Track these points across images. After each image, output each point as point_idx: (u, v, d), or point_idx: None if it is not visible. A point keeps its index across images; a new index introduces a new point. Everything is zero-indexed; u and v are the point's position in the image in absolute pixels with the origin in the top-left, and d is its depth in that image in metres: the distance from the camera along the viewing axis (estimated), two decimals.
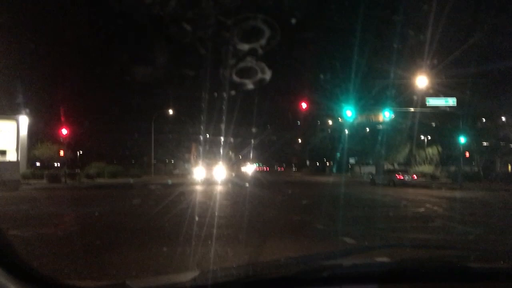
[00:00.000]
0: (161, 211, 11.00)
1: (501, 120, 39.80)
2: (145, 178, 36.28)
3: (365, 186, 27.81)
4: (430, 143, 43.64)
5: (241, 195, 17.99)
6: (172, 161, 64.28)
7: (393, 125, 39.38)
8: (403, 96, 31.74)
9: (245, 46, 15.73)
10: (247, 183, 28.41)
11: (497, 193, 21.31)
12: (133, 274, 4.80)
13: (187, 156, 66.89)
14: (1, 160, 28.93)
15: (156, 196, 17.15)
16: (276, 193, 19.37)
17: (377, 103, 33.85)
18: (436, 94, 28.93)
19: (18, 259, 1.66)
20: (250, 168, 73.46)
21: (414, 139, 41.13)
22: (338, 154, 48.43)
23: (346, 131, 46.24)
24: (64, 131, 29.55)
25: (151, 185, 24.09)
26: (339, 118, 46.83)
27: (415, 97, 29.88)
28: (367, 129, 48.47)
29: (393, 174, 31.45)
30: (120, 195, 18.48)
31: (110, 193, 19.69)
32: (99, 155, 41.69)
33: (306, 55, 59.84)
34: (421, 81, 27.37)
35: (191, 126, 59.55)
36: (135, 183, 26.49)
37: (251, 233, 7.66)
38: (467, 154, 36.76)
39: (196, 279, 1.76)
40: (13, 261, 1.63)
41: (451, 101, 28.58)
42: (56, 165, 35.55)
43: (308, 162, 73.08)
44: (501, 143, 38.86)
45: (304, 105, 27.57)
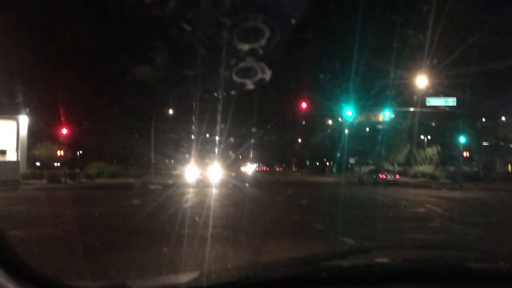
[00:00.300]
0: (161, 211, 11.00)
1: (501, 120, 39.76)
2: (145, 179, 36.25)
3: (354, 186, 28.09)
4: (430, 143, 43.61)
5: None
6: (172, 161, 64.28)
7: (393, 125, 39.36)
8: (403, 96, 31.76)
9: (245, 46, 15.76)
10: (246, 183, 28.27)
11: (497, 193, 21.29)
12: (133, 274, 4.80)
13: (187, 156, 66.87)
14: (1, 160, 28.92)
15: (155, 196, 17.13)
16: (275, 195, 19.30)
17: (377, 103, 33.85)
18: (436, 94, 28.91)
19: (18, 259, 1.66)
20: (250, 168, 73.47)
21: (414, 139, 41.11)
22: (338, 154, 48.41)
23: (346, 131, 46.21)
24: (64, 131, 29.54)
25: (147, 185, 24.07)
26: (339, 118, 46.77)
27: (415, 97, 29.88)
28: (367, 129, 48.43)
29: (377, 173, 32.20)
30: (120, 195, 18.48)
31: (110, 193, 19.68)
32: (99, 155, 41.70)
33: (306, 55, 59.85)
34: (421, 81, 27.36)
35: (191, 126, 59.60)
36: (134, 184, 26.47)
37: (250, 233, 7.66)
38: (467, 154, 36.74)
39: (196, 279, 1.77)
40: (13, 261, 1.63)
41: (451, 101, 28.54)
42: (56, 165, 35.54)
43: (308, 162, 73.00)
44: (501, 143, 38.82)
45: (304, 105, 27.57)
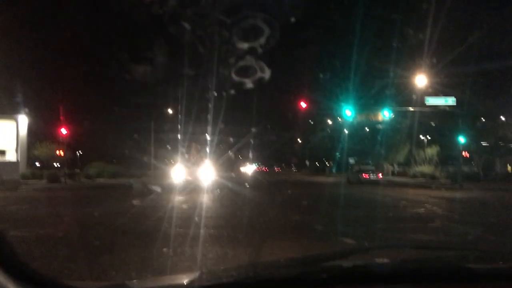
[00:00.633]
0: (160, 212, 11.01)
1: (501, 120, 39.78)
2: (145, 179, 36.21)
3: (342, 185, 28.54)
4: (430, 143, 43.62)
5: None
6: (172, 161, 64.24)
7: (392, 124, 39.34)
8: (403, 95, 31.77)
9: (245, 45, 15.74)
10: (245, 185, 28.07)
11: (497, 193, 21.30)
12: (133, 274, 4.80)
13: (186, 156, 66.75)
14: (1, 160, 28.91)
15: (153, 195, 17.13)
16: (275, 195, 19.22)
17: (376, 102, 33.85)
18: (435, 94, 28.88)
19: (18, 259, 1.65)
20: (250, 168, 73.42)
21: (414, 139, 41.11)
22: (338, 154, 48.42)
23: (346, 130, 46.20)
24: (64, 131, 29.54)
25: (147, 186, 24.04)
26: (338, 118, 46.77)
27: (414, 96, 29.88)
28: (367, 128, 48.40)
29: (361, 173, 32.76)
30: (120, 195, 18.46)
31: (110, 193, 19.66)
32: (99, 155, 41.66)
33: (305, 54, 59.78)
34: (421, 80, 27.36)
35: (191, 126, 59.50)
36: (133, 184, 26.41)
37: (250, 233, 7.67)
38: (466, 154, 36.77)
39: (195, 279, 1.76)
40: (13, 261, 1.63)
41: (451, 101, 28.51)
42: (55, 165, 35.53)
43: (307, 162, 72.97)
44: (501, 143, 38.85)
45: (303, 104, 27.59)
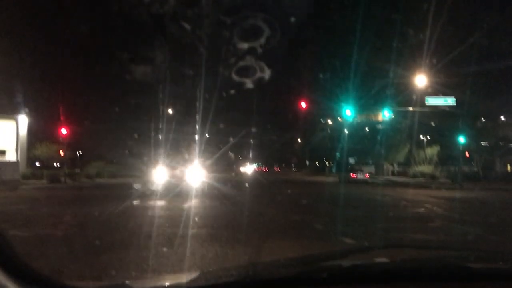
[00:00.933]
0: (160, 211, 11.01)
1: (501, 119, 39.76)
2: (145, 179, 36.15)
3: (334, 185, 29.57)
4: (430, 143, 43.59)
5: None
6: (172, 161, 64.16)
7: (392, 124, 39.32)
8: (403, 95, 31.75)
9: (245, 45, 15.74)
10: (246, 183, 28.01)
11: (497, 193, 21.30)
12: (133, 274, 4.80)
13: (186, 156, 66.75)
14: (1, 160, 28.89)
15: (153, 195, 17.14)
16: (276, 195, 19.28)
17: (376, 102, 33.83)
18: (435, 94, 28.88)
19: (18, 259, 1.65)
20: (250, 168, 73.39)
21: (414, 139, 41.09)
22: (338, 154, 48.34)
23: (346, 130, 46.17)
24: (64, 131, 29.51)
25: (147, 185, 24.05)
26: (338, 118, 46.71)
27: (414, 96, 29.87)
28: (367, 128, 48.37)
29: (349, 173, 35.07)
30: (120, 195, 18.45)
31: (110, 193, 19.65)
32: (99, 155, 41.59)
33: (306, 54, 59.71)
34: (421, 80, 27.35)
35: (191, 126, 59.51)
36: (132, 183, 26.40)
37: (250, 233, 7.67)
38: (466, 154, 36.74)
39: (195, 279, 1.77)
40: (13, 261, 1.63)
41: (451, 101, 28.50)
42: (55, 165, 35.51)
43: (307, 162, 72.92)
44: (501, 143, 38.83)
45: (303, 104, 27.60)
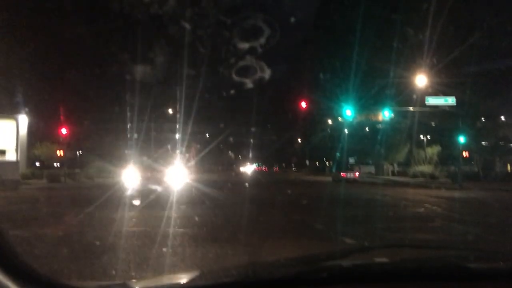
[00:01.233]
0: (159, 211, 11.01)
1: (501, 119, 39.75)
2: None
3: (328, 184, 31.42)
4: (430, 143, 43.58)
5: None
6: (170, 161, 64.22)
7: (392, 124, 39.30)
8: (403, 95, 31.75)
9: (245, 45, 15.75)
10: (246, 185, 27.91)
11: (497, 193, 21.29)
12: (133, 274, 4.80)
13: (187, 156, 66.83)
14: (1, 159, 28.87)
15: (153, 195, 17.14)
16: (276, 195, 19.29)
17: (376, 102, 33.81)
18: (435, 94, 28.86)
19: (18, 259, 1.65)
20: (250, 168, 73.47)
21: (414, 139, 41.08)
22: (338, 154, 48.35)
23: (346, 130, 46.17)
24: (64, 131, 29.51)
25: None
26: (338, 118, 46.69)
27: (414, 96, 29.86)
28: (367, 128, 48.36)
29: (340, 172, 36.62)
30: (120, 195, 18.47)
31: (110, 193, 19.65)
32: (99, 155, 41.59)
33: (306, 54, 59.75)
34: (421, 80, 27.36)
35: (191, 126, 59.49)
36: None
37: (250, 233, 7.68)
38: (466, 154, 36.71)
39: (195, 279, 1.76)
40: (13, 261, 1.63)
41: (451, 101, 28.48)
42: (55, 165, 35.51)
43: (307, 162, 72.94)
44: (501, 143, 38.81)
45: (304, 104, 27.60)
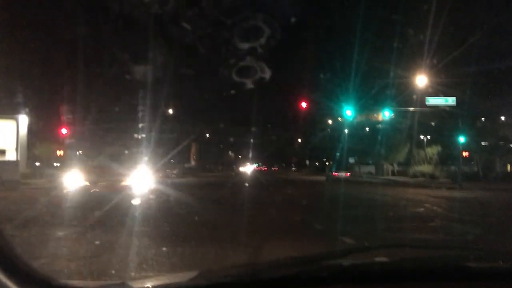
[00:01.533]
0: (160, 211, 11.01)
1: (501, 119, 39.76)
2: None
3: (322, 183, 32.84)
4: (430, 143, 43.59)
5: None
6: (172, 161, 64.21)
7: (392, 124, 39.33)
8: (403, 95, 31.73)
9: (245, 45, 15.75)
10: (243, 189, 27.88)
11: (497, 193, 21.30)
12: (133, 274, 4.80)
13: (186, 155, 66.90)
14: (1, 159, 28.87)
15: (153, 195, 17.14)
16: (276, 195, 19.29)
17: (376, 102, 33.83)
18: (435, 94, 28.88)
19: (18, 259, 1.65)
20: (249, 168, 73.53)
21: (414, 139, 41.08)
22: (338, 153, 48.36)
23: (346, 130, 46.17)
24: (64, 131, 29.50)
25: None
26: (339, 118, 46.72)
27: (414, 96, 29.86)
28: (367, 128, 48.37)
29: (332, 172, 38.37)
30: (119, 195, 18.44)
31: (109, 193, 19.64)
32: (99, 155, 41.55)
33: (306, 54, 59.73)
34: (421, 80, 27.34)
35: (191, 126, 59.54)
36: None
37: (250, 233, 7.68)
38: (466, 153, 36.73)
39: (195, 278, 1.76)
40: (13, 261, 1.63)
41: (451, 101, 28.50)
42: (55, 165, 35.49)
43: (307, 162, 72.99)
44: (501, 143, 38.82)
45: (304, 104, 27.56)
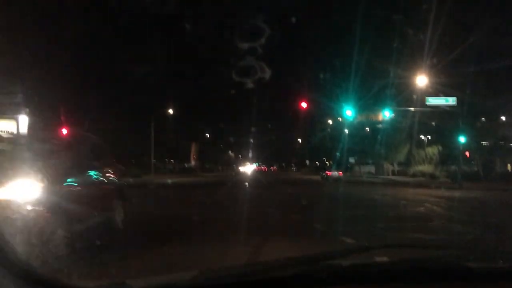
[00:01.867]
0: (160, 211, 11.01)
1: (501, 119, 39.77)
2: (145, 178, 36.21)
3: (318, 182, 34.46)
4: (430, 143, 43.59)
5: None
6: (172, 161, 64.32)
7: (392, 124, 39.32)
8: (403, 95, 31.74)
9: (245, 45, 15.76)
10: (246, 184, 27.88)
11: (497, 193, 21.29)
12: (133, 273, 4.80)
13: (186, 155, 66.92)
14: None
15: (154, 195, 17.14)
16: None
17: (377, 102, 33.83)
18: (436, 94, 28.86)
19: (18, 259, 1.66)
20: (250, 168, 73.56)
21: (414, 139, 41.08)
22: (338, 153, 48.38)
23: (346, 130, 46.18)
24: (64, 131, 29.50)
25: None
26: (339, 118, 46.76)
27: (415, 96, 29.87)
28: (367, 128, 48.39)
29: (325, 171, 40.38)
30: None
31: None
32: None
33: (306, 54, 59.77)
34: (421, 80, 27.35)
35: (191, 125, 59.56)
36: (135, 183, 26.38)
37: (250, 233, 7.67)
38: (466, 153, 36.72)
39: (195, 278, 1.76)
40: (13, 261, 1.63)
41: (451, 101, 28.47)
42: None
43: (308, 162, 73.01)
44: (501, 142, 38.83)
45: (304, 104, 27.56)
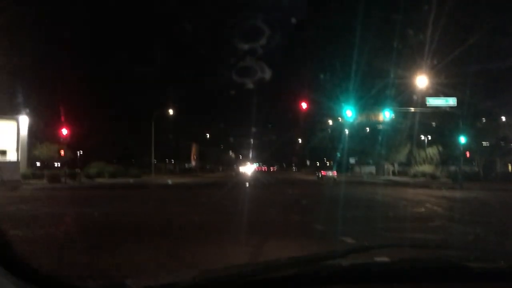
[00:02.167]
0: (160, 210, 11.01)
1: (501, 119, 39.77)
2: (145, 178, 36.28)
3: (318, 182, 34.92)
4: (430, 143, 43.59)
5: None
6: (172, 161, 64.40)
7: (393, 125, 39.33)
8: (403, 96, 31.80)
9: (245, 46, 15.78)
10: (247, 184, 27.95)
11: (497, 193, 21.28)
12: (133, 273, 4.80)
13: (186, 155, 66.94)
14: (1, 160, 28.92)
15: (155, 195, 17.15)
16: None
17: (377, 103, 33.89)
18: (436, 94, 28.86)
19: (18, 259, 1.66)
20: (250, 168, 73.59)
21: (414, 139, 41.08)
22: (338, 154, 48.40)
23: (346, 131, 46.22)
24: (64, 131, 29.52)
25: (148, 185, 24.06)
26: (339, 118, 46.77)
27: (415, 97, 29.88)
28: (367, 129, 48.42)
29: (320, 171, 40.78)
30: (120, 195, 18.48)
31: (110, 193, 19.68)
32: (99, 155, 41.62)
33: (306, 54, 59.81)
34: (421, 80, 27.36)
35: (191, 126, 59.62)
36: (135, 183, 26.46)
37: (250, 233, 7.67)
38: (467, 154, 36.70)
39: (195, 278, 1.76)
40: (13, 261, 1.63)
41: (451, 101, 28.47)
42: (56, 165, 35.53)
43: (308, 162, 73.04)
44: (501, 143, 38.83)
45: (304, 105, 27.58)
